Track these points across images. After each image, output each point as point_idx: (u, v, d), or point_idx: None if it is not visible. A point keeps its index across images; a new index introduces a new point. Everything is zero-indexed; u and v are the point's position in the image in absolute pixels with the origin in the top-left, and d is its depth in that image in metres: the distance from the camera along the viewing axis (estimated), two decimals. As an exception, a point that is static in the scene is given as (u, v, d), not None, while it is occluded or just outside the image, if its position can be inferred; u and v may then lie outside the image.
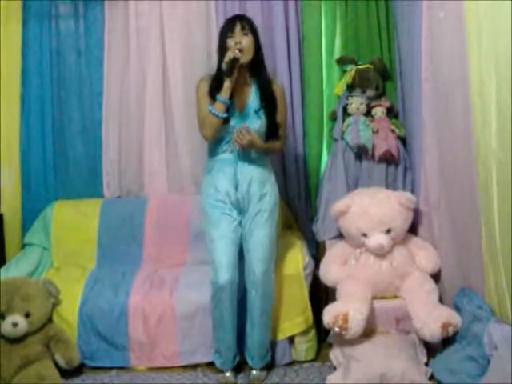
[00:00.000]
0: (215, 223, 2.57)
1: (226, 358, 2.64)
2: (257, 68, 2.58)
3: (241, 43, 2.47)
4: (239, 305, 2.63)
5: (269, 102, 2.59)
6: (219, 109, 2.47)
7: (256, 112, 2.57)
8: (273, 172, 2.69)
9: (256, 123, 2.56)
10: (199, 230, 3.06)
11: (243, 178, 2.57)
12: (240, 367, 2.70)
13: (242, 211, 2.60)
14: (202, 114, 2.55)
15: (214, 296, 2.58)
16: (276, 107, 2.62)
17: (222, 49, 2.52)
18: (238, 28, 2.50)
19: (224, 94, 2.46)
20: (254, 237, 2.57)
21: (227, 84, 2.46)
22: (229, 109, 2.51)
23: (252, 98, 2.59)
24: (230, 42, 2.49)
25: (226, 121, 2.52)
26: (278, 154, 3.22)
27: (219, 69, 2.51)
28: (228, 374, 2.64)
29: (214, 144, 2.60)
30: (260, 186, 2.58)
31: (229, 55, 2.43)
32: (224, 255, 2.54)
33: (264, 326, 2.63)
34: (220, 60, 2.52)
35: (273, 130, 2.62)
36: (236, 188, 2.57)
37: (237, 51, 2.44)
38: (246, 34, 2.51)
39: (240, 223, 2.60)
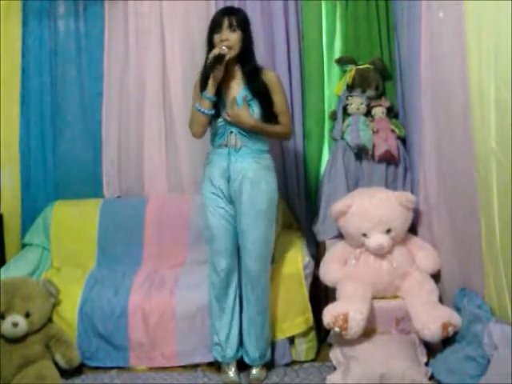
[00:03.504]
0: (211, 215, 2.58)
1: (226, 349, 2.62)
2: (245, 59, 2.56)
3: (228, 40, 2.45)
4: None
5: (259, 90, 2.54)
6: (205, 106, 2.47)
7: (248, 103, 2.53)
8: (271, 170, 2.63)
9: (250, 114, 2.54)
10: (199, 230, 3.07)
11: (235, 173, 2.54)
12: (241, 367, 2.69)
13: (235, 206, 2.59)
14: (192, 112, 2.58)
15: (212, 282, 2.61)
16: (268, 96, 2.57)
17: (209, 44, 2.51)
18: (225, 24, 2.47)
19: (209, 91, 2.46)
20: (248, 235, 2.56)
21: (212, 80, 2.45)
22: (219, 104, 2.51)
23: (244, 89, 2.56)
24: (217, 38, 2.48)
25: (219, 115, 2.52)
26: (278, 154, 3.22)
27: (206, 65, 2.50)
28: (232, 375, 2.64)
29: (213, 137, 2.61)
30: (252, 184, 2.53)
31: (214, 52, 2.42)
32: (221, 245, 2.57)
33: (261, 324, 2.63)
34: (207, 55, 2.51)
35: (270, 119, 2.58)
36: (228, 181, 2.56)
37: (224, 47, 2.42)
38: (233, 31, 2.48)
39: (235, 217, 2.59)
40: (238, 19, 2.50)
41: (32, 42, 3.31)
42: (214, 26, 2.50)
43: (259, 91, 2.55)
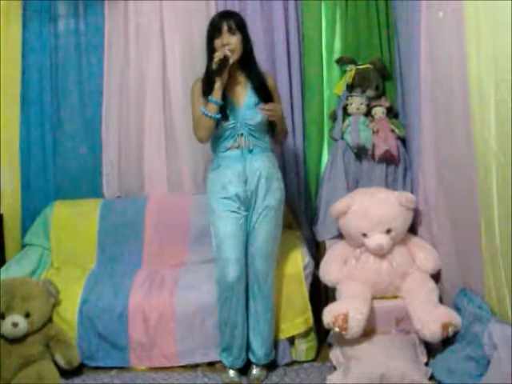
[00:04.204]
0: (222, 221, 2.55)
1: (236, 356, 2.63)
2: (247, 62, 2.57)
3: (229, 44, 2.46)
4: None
5: (265, 94, 2.58)
6: (212, 110, 2.47)
7: (256, 105, 2.56)
8: (278, 167, 2.68)
9: (258, 116, 2.54)
10: (199, 230, 3.08)
11: (252, 173, 2.55)
12: (241, 367, 2.68)
13: (249, 207, 2.58)
14: (196, 116, 2.56)
15: (221, 294, 2.58)
16: (272, 99, 2.61)
17: (210, 49, 2.52)
18: (225, 28, 2.49)
19: (216, 95, 2.46)
20: (258, 233, 2.56)
21: (218, 84, 2.45)
22: (225, 106, 2.51)
23: (249, 91, 2.58)
24: (218, 43, 2.49)
25: (226, 118, 2.52)
26: (278, 154, 3.22)
27: (208, 69, 2.51)
28: (232, 374, 2.64)
29: (219, 141, 2.59)
30: (267, 182, 2.57)
31: (218, 55, 2.42)
32: (231, 252, 2.53)
33: (268, 322, 2.63)
34: (209, 60, 2.51)
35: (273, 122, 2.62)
36: (245, 184, 2.55)
37: (226, 51, 2.43)
38: (233, 34, 2.49)
39: (246, 219, 2.59)
40: (236, 22, 2.52)
41: (32, 41, 3.32)
42: (214, 31, 2.51)
43: (268, 96, 2.58)
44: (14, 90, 3.33)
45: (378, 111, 3.10)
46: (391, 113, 3.14)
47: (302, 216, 3.29)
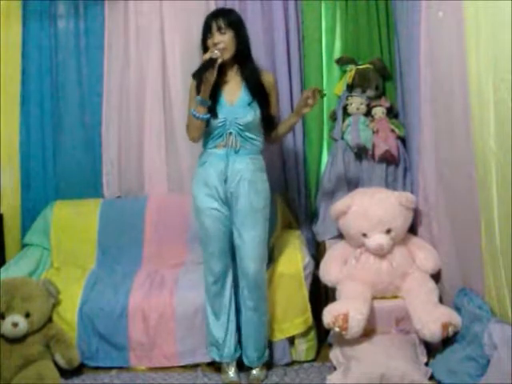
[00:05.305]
0: (206, 218, 2.56)
1: (224, 349, 2.62)
2: (243, 60, 2.56)
3: (219, 44, 2.46)
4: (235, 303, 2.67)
5: (260, 93, 2.57)
6: (200, 110, 2.46)
7: (249, 104, 2.55)
8: (264, 171, 2.65)
9: (249, 115, 2.53)
10: (199, 230, 3.08)
11: (233, 175, 2.53)
12: (241, 367, 2.69)
13: (230, 207, 2.58)
14: (188, 117, 2.57)
15: (209, 288, 2.61)
16: (267, 98, 2.60)
17: (203, 48, 2.53)
18: (214, 28, 2.48)
19: (203, 95, 2.45)
20: (245, 236, 2.55)
21: (205, 85, 2.44)
22: (216, 104, 2.50)
23: (244, 90, 2.57)
24: (209, 43, 2.49)
25: (216, 115, 2.51)
26: (278, 154, 3.23)
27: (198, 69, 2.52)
28: (232, 374, 2.64)
29: (209, 137, 2.58)
30: (249, 184, 2.54)
31: (205, 56, 2.42)
32: (217, 245, 2.57)
33: (258, 324, 2.62)
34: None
35: (268, 121, 2.62)
36: (225, 182, 2.54)
37: (216, 51, 2.42)
38: (223, 33, 2.48)
39: (229, 218, 2.59)
40: (228, 20, 2.50)
41: (32, 42, 3.32)
42: (206, 31, 2.52)
43: (262, 94, 2.57)
44: (14, 90, 3.33)
45: (378, 111, 3.10)
46: (391, 113, 3.14)
47: (302, 216, 3.29)
